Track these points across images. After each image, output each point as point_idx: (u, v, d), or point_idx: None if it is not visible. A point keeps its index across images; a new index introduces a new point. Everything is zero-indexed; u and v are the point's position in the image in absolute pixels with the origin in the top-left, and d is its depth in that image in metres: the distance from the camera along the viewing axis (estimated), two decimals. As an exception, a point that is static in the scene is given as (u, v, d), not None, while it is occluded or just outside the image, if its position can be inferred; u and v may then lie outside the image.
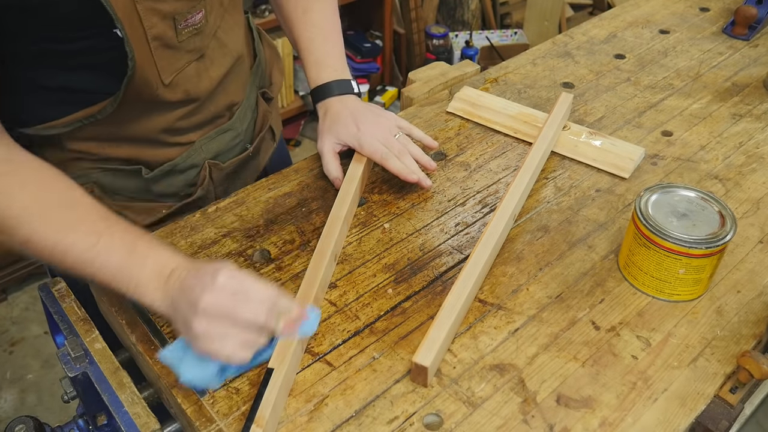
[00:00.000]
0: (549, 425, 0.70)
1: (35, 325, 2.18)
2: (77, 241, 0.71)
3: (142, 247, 0.72)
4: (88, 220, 0.72)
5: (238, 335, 0.67)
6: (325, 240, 0.86)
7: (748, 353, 0.72)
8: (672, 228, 0.80)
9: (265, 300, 0.68)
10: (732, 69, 1.29)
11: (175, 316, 0.69)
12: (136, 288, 0.71)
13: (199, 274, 0.68)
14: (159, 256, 0.72)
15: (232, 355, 0.67)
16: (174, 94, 0.87)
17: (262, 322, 0.67)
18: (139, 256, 0.71)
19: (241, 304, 0.67)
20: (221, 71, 0.93)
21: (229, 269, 0.68)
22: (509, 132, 1.12)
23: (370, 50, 2.86)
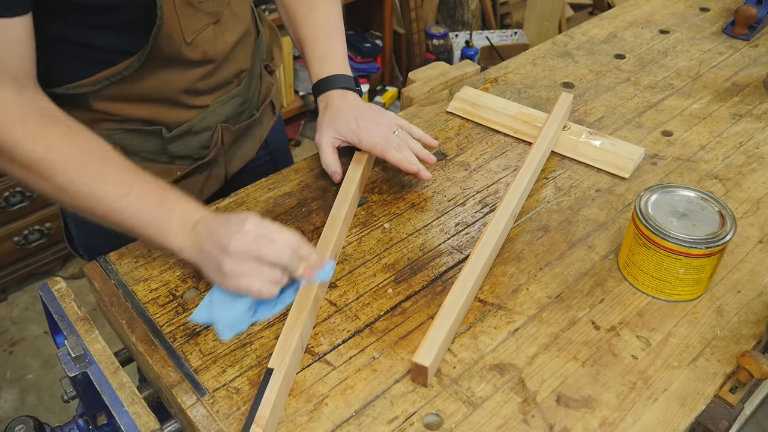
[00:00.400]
0: (549, 425, 0.70)
1: (35, 325, 2.18)
2: (110, 191, 0.77)
3: (170, 199, 0.79)
4: (120, 172, 0.79)
5: (264, 273, 0.75)
6: (325, 240, 0.86)
7: (748, 353, 0.72)
8: (672, 228, 0.80)
9: (288, 244, 0.76)
10: (732, 69, 1.29)
11: (203, 261, 0.77)
12: (165, 236, 0.78)
13: (227, 222, 0.76)
14: (186, 207, 0.79)
15: (260, 289, 0.75)
16: (194, 53, 0.91)
17: (285, 262, 0.76)
18: (167, 207, 0.78)
19: (267, 246, 0.75)
20: (234, 37, 0.98)
21: (254, 217, 0.76)
22: (509, 132, 1.12)
23: (370, 50, 2.86)
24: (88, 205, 0.78)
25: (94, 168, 0.77)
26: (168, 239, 0.78)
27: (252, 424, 0.67)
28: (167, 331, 0.80)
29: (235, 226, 0.75)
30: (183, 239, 0.78)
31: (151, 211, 0.78)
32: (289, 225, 0.94)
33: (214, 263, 0.76)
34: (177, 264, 0.89)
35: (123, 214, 0.77)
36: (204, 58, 0.94)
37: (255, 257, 0.75)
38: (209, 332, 0.80)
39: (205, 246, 0.76)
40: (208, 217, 0.78)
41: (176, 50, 0.89)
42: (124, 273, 0.87)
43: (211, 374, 0.75)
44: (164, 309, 0.83)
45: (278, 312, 0.81)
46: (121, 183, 0.78)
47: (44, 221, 2.16)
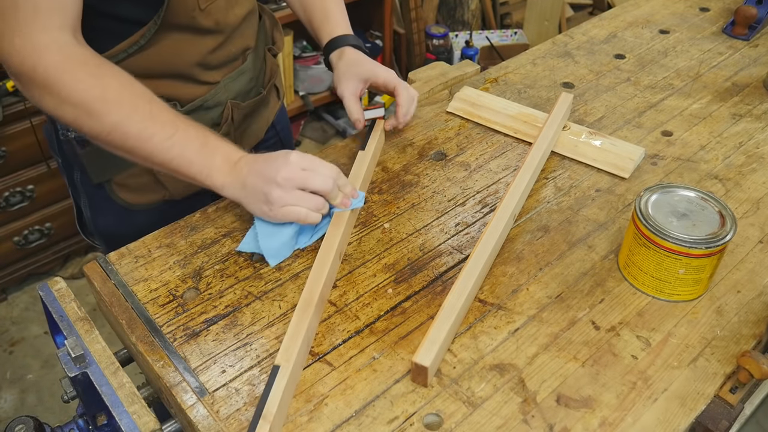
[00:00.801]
0: (549, 425, 0.70)
1: (35, 325, 2.18)
2: (158, 131, 0.82)
3: (212, 141, 0.86)
4: (166, 114, 0.84)
5: (310, 201, 0.84)
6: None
7: (748, 353, 0.72)
8: (672, 228, 0.80)
9: (329, 174, 0.85)
10: (732, 69, 1.29)
11: (248, 195, 0.84)
12: (208, 175, 0.84)
13: (271, 157, 0.84)
14: (227, 148, 0.86)
15: (307, 216, 0.84)
16: (207, 21, 0.95)
17: (329, 189, 0.85)
18: (210, 148, 0.85)
19: (312, 175, 0.84)
20: (243, 11, 1.03)
21: (297, 152, 0.85)
22: (509, 132, 1.12)
23: (370, 50, 2.86)
24: (136, 145, 0.82)
25: (144, 109, 0.82)
26: (211, 177, 0.84)
27: (260, 419, 0.67)
28: (167, 331, 0.80)
29: (280, 159, 0.83)
30: (225, 177, 0.84)
31: (195, 151, 0.84)
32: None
33: (261, 194, 0.83)
34: (177, 264, 0.89)
35: (169, 154, 0.83)
36: (216, 27, 0.97)
37: (301, 186, 0.83)
38: (209, 332, 0.80)
39: (249, 180, 0.83)
40: (248, 156, 0.86)
41: (190, 15, 0.92)
42: (124, 273, 0.87)
43: (211, 374, 0.75)
44: (164, 309, 0.83)
45: (315, 240, 0.90)
46: (168, 124, 0.83)
47: (44, 221, 2.16)
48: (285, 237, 0.87)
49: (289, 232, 0.87)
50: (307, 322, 0.76)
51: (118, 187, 1.04)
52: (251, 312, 0.83)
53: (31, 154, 2.03)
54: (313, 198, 0.84)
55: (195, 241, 0.92)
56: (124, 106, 0.82)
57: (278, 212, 0.83)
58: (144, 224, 0.99)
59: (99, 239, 1.15)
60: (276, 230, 0.87)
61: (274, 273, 0.87)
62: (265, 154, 0.85)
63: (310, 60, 2.76)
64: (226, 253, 0.90)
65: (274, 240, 0.87)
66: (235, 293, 0.85)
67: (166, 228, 0.94)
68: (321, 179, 0.84)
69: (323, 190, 0.85)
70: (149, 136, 0.82)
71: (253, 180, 0.83)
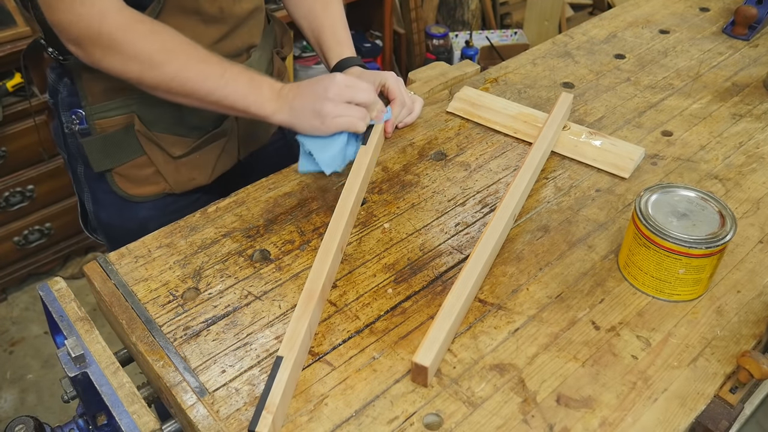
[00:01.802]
0: (549, 425, 0.70)
1: (35, 325, 2.18)
2: (212, 72, 0.93)
3: (257, 75, 0.96)
4: (214, 58, 0.94)
5: (357, 112, 0.96)
6: (333, 231, 0.87)
7: (748, 353, 0.72)
8: (672, 228, 0.80)
9: (370, 89, 0.99)
10: (732, 69, 1.29)
11: (298, 115, 0.95)
12: (261, 104, 0.95)
13: (316, 79, 0.96)
14: (270, 81, 0.97)
15: (356, 124, 0.96)
16: (211, 7, 0.99)
17: (372, 100, 0.99)
18: (256, 81, 0.96)
19: (356, 91, 0.96)
20: (250, 6, 1.06)
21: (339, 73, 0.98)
22: (509, 132, 1.12)
23: (370, 50, 2.85)
24: (195, 87, 0.92)
25: (197, 56, 0.92)
26: (264, 106, 0.95)
27: (263, 410, 0.67)
28: (167, 331, 0.80)
29: (327, 79, 0.95)
30: (275, 103, 0.95)
31: (245, 85, 0.94)
32: (288, 225, 0.95)
33: (312, 111, 0.94)
34: (177, 264, 0.89)
35: (224, 91, 0.93)
36: (220, 14, 1.01)
37: (348, 99, 0.95)
38: (209, 332, 0.80)
39: (297, 102, 0.94)
40: (290, 84, 0.98)
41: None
42: (124, 273, 0.87)
43: (211, 374, 0.75)
44: (164, 309, 0.83)
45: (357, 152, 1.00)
46: (218, 65, 0.93)
47: (44, 221, 2.16)
48: (337, 146, 0.96)
49: (340, 143, 0.97)
50: (309, 314, 0.76)
51: (120, 178, 1.05)
52: (251, 312, 0.83)
53: (31, 154, 2.03)
54: (359, 110, 0.96)
55: (195, 241, 0.92)
56: (181, 55, 0.91)
57: (331, 123, 0.94)
58: (145, 218, 0.99)
59: (101, 234, 1.16)
60: (327, 142, 0.96)
61: (274, 273, 0.87)
62: (306, 80, 0.97)
63: (310, 60, 2.76)
64: (226, 253, 0.90)
65: (327, 152, 0.96)
66: (235, 293, 0.85)
67: (166, 228, 0.94)
68: (365, 93, 0.97)
69: (367, 102, 0.97)
70: (205, 77, 0.92)
71: (301, 101, 0.94)
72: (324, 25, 1.17)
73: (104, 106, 1.01)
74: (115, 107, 1.01)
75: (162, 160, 1.05)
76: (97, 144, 1.02)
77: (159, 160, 1.05)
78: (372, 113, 1.00)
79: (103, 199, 1.10)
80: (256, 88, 0.95)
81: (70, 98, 1.01)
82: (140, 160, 1.05)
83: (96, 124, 1.01)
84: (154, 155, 1.05)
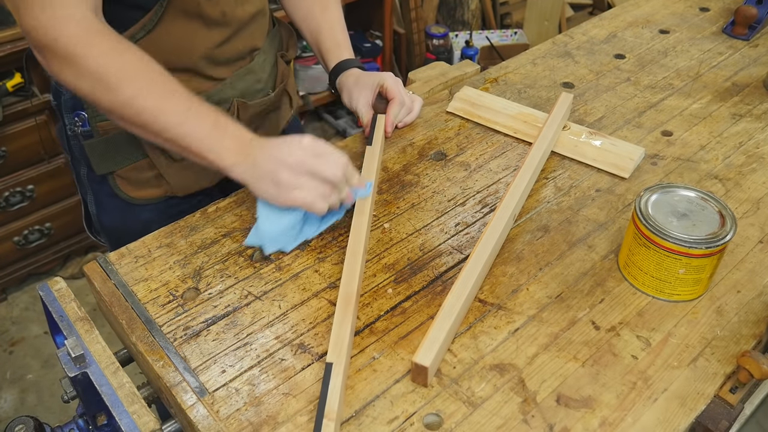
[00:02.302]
0: (549, 425, 0.70)
1: (35, 325, 2.18)
2: (171, 107, 0.84)
3: (223, 121, 0.86)
4: (180, 92, 0.85)
5: (318, 188, 0.85)
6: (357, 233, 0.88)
7: (748, 353, 0.72)
8: (672, 228, 0.80)
9: (340, 163, 0.86)
10: (732, 69, 1.29)
11: (256, 176, 0.85)
12: (218, 153, 0.85)
13: (284, 140, 0.86)
14: (238, 129, 0.87)
15: (312, 203, 0.85)
16: (213, 10, 0.96)
17: (338, 179, 0.86)
18: (221, 127, 0.85)
19: (323, 163, 0.84)
20: (252, 9, 1.04)
21: (311, 137, 0.86)
22: (509, 132, 1.12)
23: (370, 50, 2.85)
24: (149, 120, 0.84)
25: (159, 86, 0.84)
26: (221, 157, 0.85)
27: (323, 418, 0.67)
28: (167, 331, 0.80)
29: (294, 142, 0.85)
30: (235, 156, 0.85)
31: (207, 129, 0.85)
32: (289, 225, 0.94)
33: (270, 176, 0.84)
34: (177, 264, 0.89)
35: (180, 130, 0.84)
36: (222, 18, 0.98)
37: (311, 172, 0.84)
38: (209, 332, 0.80)
39: (259, 161, 0.84)
40: (260, 138, 0.87)
41: (196, 1, 0.93)
42: (124, 273, 0.87)
43: (211, 374, 0.75)
44: (164, 309, 0.83)
45: (322, 231, 0.91)
46: (182, 101, 0.84)
47: (44, 221, 2.16)
48: (286, 224, 0.87)
49: (292, 220, 0.87)
50: (350, 317, 0.77)
51: (122, 181, 1.05)
52: (251, 312, 0.83)
53: (31, 154, 2.03)
54: (321, 185, 0.85)
55: (195, 241, 0.92)
56: (140, 81, 0.83)
57: (286, 195, 0.84)
58: (147, 221, 0.99)
59: (104, 236, 1.16)
60: (279, 216, 0.87)
61: (274, 273, 0.87)
62: (277, 138, 0.87)
63: (310, 60, 2.75)
64: (226, 253, 0.90)
65: (275, 225, 0.87)
66: (235, 293, 0.85)
67: (166, 228, 0.94)
68: (332, 168, 0.85)
69: (333, 179, 0.85)
70: (163, 110, 0.83)
71: (263, 161, 0.85)
72: (322, 27, 1.17)
73: None
74: None
75: (164, 162, 1.05)
76: (100, 146, 1.02)
77: (161, 162, 1.05)
78: (341, 192, 0.88)
79: (106, 202, 1.09)
80: (218, 135, 0.85)
81: (72, 100, 1.01)
82: (142, 163, 1.04)
83: (98, 126, 1.01)
84: (156, 158, 1.04)
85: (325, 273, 0.87)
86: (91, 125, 1.01)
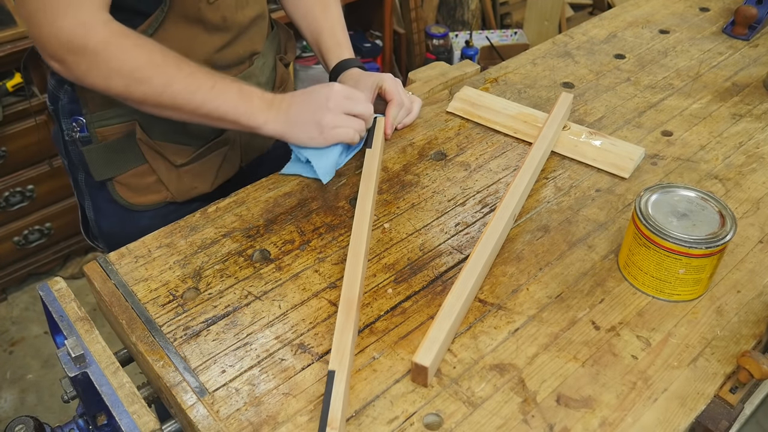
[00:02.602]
0: (549, 425, 0.70)
1: (35, 325, 2.18)
2: (201, 85, 0.91)
3: (246, 86, 0.96)
4: (203, 71, 0.93)
5: (355, 123, 0.98)
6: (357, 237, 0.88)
7: (748, 353, 0.72)
8: (672, 228, 0.80)
9: (367, 102, 1.01)
10: (732, 69, 1.29)
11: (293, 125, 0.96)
12: (251, 114, 0.95)
13: (315, 89, 0.97)
14: (259, 91, 0.97)
15: (353, 135, 0.99)
16: (214, 15, 0.98)
17: (370, 113, 1.01)
18: (246, 92, 0.95)
19: (355, 102, 0.98)
20: (252, 13, 1.06)
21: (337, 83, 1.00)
22: (509, 132, 1.12)
23: (370, 50, 2.85)
24: (185, 100, 0.91)
25: (185, 69, 0.91)
26: (254, 116, 0.95)
27: (326, 427, 0.67)
28: (167, 331, 0.80)
29: (326, 89, 0.96)
30: (266, 113, 0.95)
31: (235, 96, 0.93)
32: (289, 225, 0.94)
33: (310, 122, 0.95)
34: (177, 264, 0.89)
35: (214, 103, 0.92)
36: (223, 23, 1.00)
37: (347, 111, 0.97)
38: (209, 332, 0.80)
39: (293, 111, 0.96)
40: (284, 94, 0.98)
41: (196, 6, 0.95)
42: (124, 273, 0.87)
43: (211, 374, 0.75)
44: (164, 309, 0.83)
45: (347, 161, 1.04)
46: (207, 77, 0.92)
47: (44, 221, 2.16)
48: (334, 156, 0.99)
49: (336, 152, 1.00)
50: (352, 324, 0.76)
51: (121, 187, 1.05)
52: (251, 312, 0.83)
53: (31, 154, 2.03)
54: (357, 120, 0.98)
55: (195, 241, 0.92)
56: (169, 68, 0.89)
57: (329, 134, 0.96)
58: (146, 227, 0.99)
59: (102, 242, 1.15)
60: (323, 151, 0.99)
61: (274, 273, 0.87)
62: (301, 90, 0.98)
63: (310, 60, 2.76)
64: (226, 253, 0.90)
65: (324, 159, 0.99)
66: (235, 293, 0.85)
67: (166, 228, 0.94)
68: (363, 105, 0.99)
69: (364, 114, 0.99)
70: (195, 89, 0.91)
71: (298, 110, 0.96)
72: (323, 27, 1.18)
73: (105, 113, 1.00)
74: (116, 115, 1.00)
75: (164, 168, 1.04)
76: (98, 152, 1.01)
77: (161, 168, 1.05)
78: (368, 124, 1.02)
79: (104, 208, 1.09)
80: (246, 98, 0.94)
81: (70, 105, 1.01)
82: (142, 169, 1.04)
83: (97, 132, 1.01)
84: (156, 164, 1.04)
85: (325, 273, 0.87)
86: (90, 131, 1.00)
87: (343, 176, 1.03)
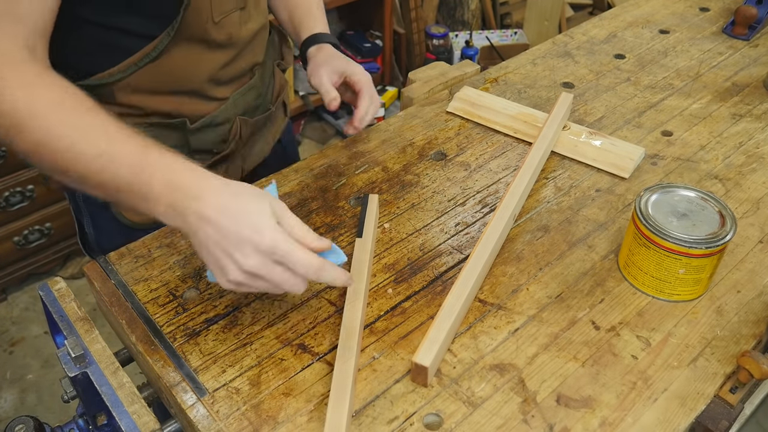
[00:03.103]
0: (549, 425, 0.70)
1: (35, 325, 2.18)
2: (86, 148, 0.70)
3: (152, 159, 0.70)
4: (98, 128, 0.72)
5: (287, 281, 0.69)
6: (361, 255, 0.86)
7: (748, 353, 0.72)
8: (672, 228, 0.80)
9: (307, 272, 0.69)
10: (732, 69, 1.29)
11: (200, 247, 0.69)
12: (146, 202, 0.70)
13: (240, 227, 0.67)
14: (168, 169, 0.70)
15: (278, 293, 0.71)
16: (220, 34, 0.95)
17: (302, 288, 0.70)
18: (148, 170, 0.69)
19: (285, 277, 0.68)
20: (255, 26, 1.03)
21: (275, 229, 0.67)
22: (509, 132, 1.12)
23: (370, 50, 2.85)
24: (68, 165, 0.71)
25: (73, 123, 0.71)
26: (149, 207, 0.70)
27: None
28: (167, 331, 0.80)
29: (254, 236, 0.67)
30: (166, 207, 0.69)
31: (129, 172, 0.69)
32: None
33: (217, 263, 0.69)
34: (177, 264, 0.89)
35: (101, 176, 0.70)
36: (228, 41, 0.97)
37: (269, 282, 0.69)
38: (209, 332, 0.80)
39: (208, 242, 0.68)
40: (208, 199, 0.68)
41: (203, 28, 0.92)
42: (124, 273, 0.87)
43: (211, 374, 0.75)
44: (164, 309, 0.83)
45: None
46: (100, 138, 0.70)
47: (44, 221, 2.16)
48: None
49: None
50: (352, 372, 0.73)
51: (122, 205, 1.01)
52: (251, 312, 0.82)
53: (31, 154, 2.03)
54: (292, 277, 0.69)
55: (195, 241, 0.92)
56: (51, 121, 0.71)
57: (232, 288, 0.70)
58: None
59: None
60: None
61: (274, 273, 0.87)
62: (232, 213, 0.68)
63: (310, 60, 2.75)
64: (226, 253, 0.90)
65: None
66: (235, 293, 0.85)
67: (166, 228, 0.94)
68: (294, 283, 0.69)
69: (293, 292, 0.70)
70: (78, 154, 0.70)
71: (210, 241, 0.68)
72: (299, 4, 1.14)
73: None
74: None
75: None
76: None
77: None
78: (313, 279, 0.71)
79: (105, 226, 1.06)
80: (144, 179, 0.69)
81: None
82: None
83: None
84: None
85: (325, 273, 0.87)
86: None
87: (343, 176, 1.03)
